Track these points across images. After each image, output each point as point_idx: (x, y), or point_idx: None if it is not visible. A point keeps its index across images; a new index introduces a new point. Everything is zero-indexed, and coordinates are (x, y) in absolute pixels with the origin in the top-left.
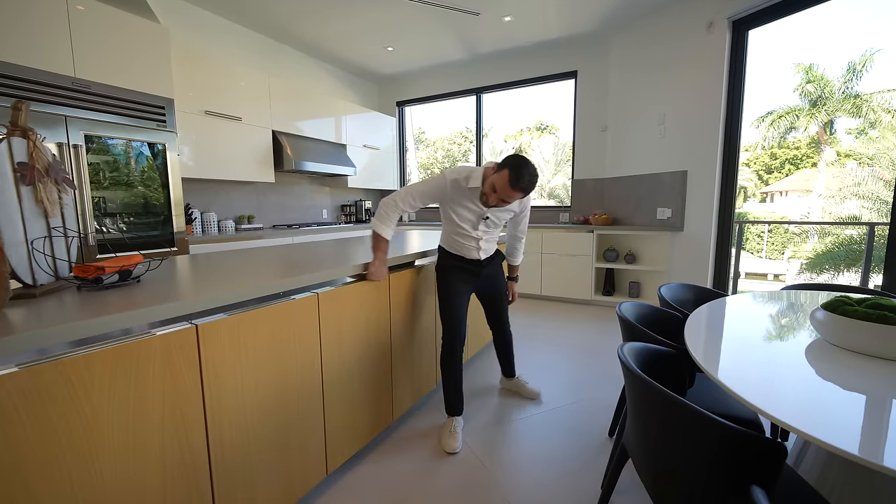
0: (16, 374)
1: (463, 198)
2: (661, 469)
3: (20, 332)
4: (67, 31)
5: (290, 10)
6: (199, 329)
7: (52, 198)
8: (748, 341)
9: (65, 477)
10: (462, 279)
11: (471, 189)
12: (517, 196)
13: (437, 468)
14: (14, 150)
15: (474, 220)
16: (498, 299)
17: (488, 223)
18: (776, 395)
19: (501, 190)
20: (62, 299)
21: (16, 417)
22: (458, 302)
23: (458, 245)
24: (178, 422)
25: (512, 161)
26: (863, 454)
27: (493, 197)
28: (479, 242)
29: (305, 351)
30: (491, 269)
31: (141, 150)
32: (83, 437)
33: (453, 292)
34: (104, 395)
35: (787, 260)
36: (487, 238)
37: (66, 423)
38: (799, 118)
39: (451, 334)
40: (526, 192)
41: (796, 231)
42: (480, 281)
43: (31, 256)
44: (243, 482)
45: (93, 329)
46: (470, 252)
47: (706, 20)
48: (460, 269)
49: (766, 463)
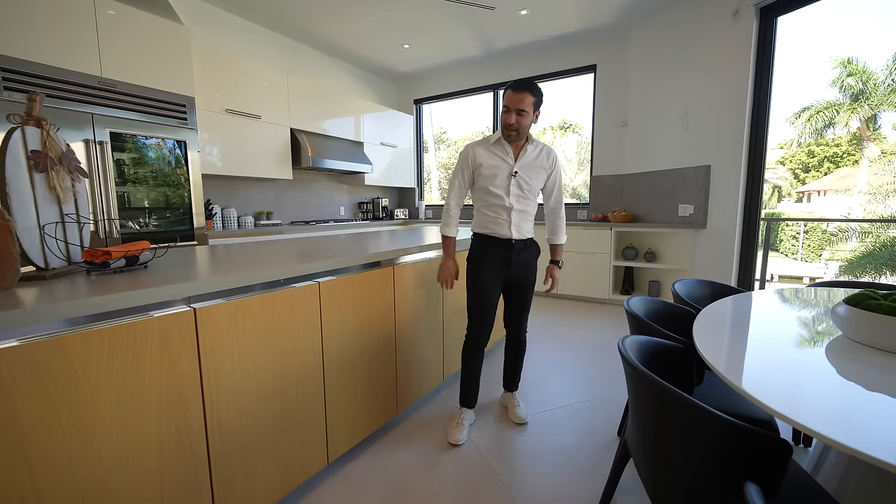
0: (16, 349)
1: (487, 153)
2: (660, 468)
3: (22, 307)
4: (95, 33)
5: (308, 9)
6: (198, 312)
7: (65, 185)
8: (763, 337)
9: (64, 454)
10: (492, 270)
11: (494, 144)
12: (515, 96)
13: (440, 461)
14: (28, 139)
15: (504, 178)
16: (523, 293)
17: (519, 183)
18: (793, 395)
19: (505, 102)
20: (71, 281)
21: (15, 390)
22: (487, 295)
23: (488, 221)
24: (175, 402)
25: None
26: (889, 458)
27: (506, 117)
28: (512, 214)
29: (306, 338)
30: (524, 255)
31: (163, 146)
32: (82, 414)
33: (482, 284)
34: (102, 374)
35: (825, 262)
36: (520, 209)
37: (66, 400)
38: (839, 113)
39: (476, 330)
40: (515, 87)
41: (835, 232)
42: (511, 270)
43: (42, 240)
44: (242, 466)
45: (91, 308)
46: (501, 228)
47: (731, 7)
48: (491, 257)
49: (769, 462)
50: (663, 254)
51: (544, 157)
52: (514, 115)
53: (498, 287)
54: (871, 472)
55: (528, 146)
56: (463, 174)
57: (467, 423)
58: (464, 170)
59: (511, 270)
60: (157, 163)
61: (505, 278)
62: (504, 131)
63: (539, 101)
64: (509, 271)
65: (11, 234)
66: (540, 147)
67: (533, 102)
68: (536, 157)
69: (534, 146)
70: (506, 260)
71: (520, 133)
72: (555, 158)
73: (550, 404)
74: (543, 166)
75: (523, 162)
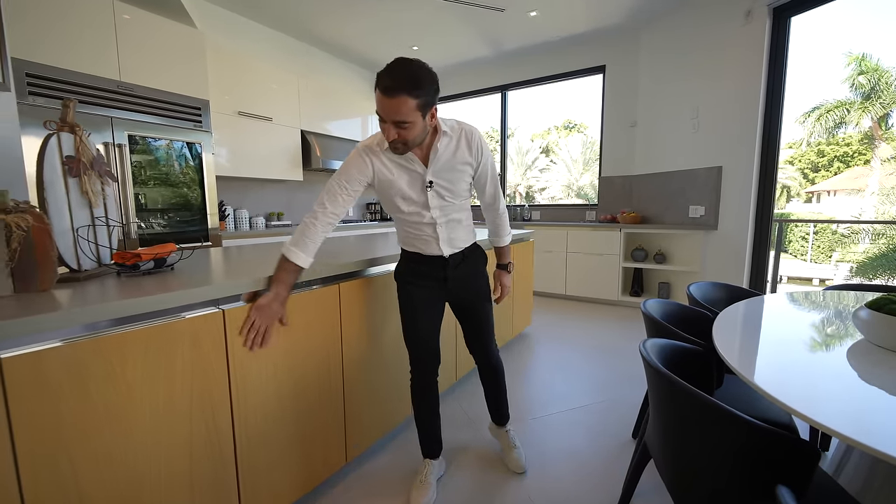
0: (60, 349)
1: (389, 164)
2: (683, 470)
3: (64, 309)
4: (114, 38)
5: (318, 11)
6: (226, 314)
7: (96, 189)
8: (783, 341)
9: (104, 453)
10: (425, 288)
11: (387, 147)
12: (387, 103)
13: (454, 464)
14: (62, 145)
15: (416, 192)
16: (476, 310)
17: (439, 191)
18: (814, 397)
19: (378, 110)
20: (103, 283)
21: (60, 390)
22: (421, 319)
23: (412, 238)
24: (205, 403)
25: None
26: None
27: (384, 130)
28: (437, 229)
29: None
30: (463, 269)
31: (179, 149)
32: (120, 414)
33: (413, 307)
34: (137, 374)
35: (835, 264)
36: (447, 219)
37: (105, 400)
38: (850, 112)
39: (415, 363)
40: (386, 88)
41: (845, 233)
42: (450, 286)
43: (76, 243)
44: (266, 463)
45: (128, 309)
46: (429, 246)
47: (744, 8)
48: (421, 276)
49: (797, 466)
50: (673, 255)
51: (464, 148)
52: (393, 130)
53: (436, 307)
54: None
55: (438, 142)
56: (352, 181)
57: (434, 478)
58: (356, 175)
59: (449, 288)
60: (172, 165)
61: (446, 297)
62: (390, 146)
63: (427, 98)
64: (447, 289)
65: (50, 237)
66: (456, 135)
67: (417, 105)
68: (454, 152)
69: (447, 139)
70: (438, 279)
71: (410, 144)
72: (479, 143)
73: (560, 406)
74: (466, 160)
75: (437, 165)
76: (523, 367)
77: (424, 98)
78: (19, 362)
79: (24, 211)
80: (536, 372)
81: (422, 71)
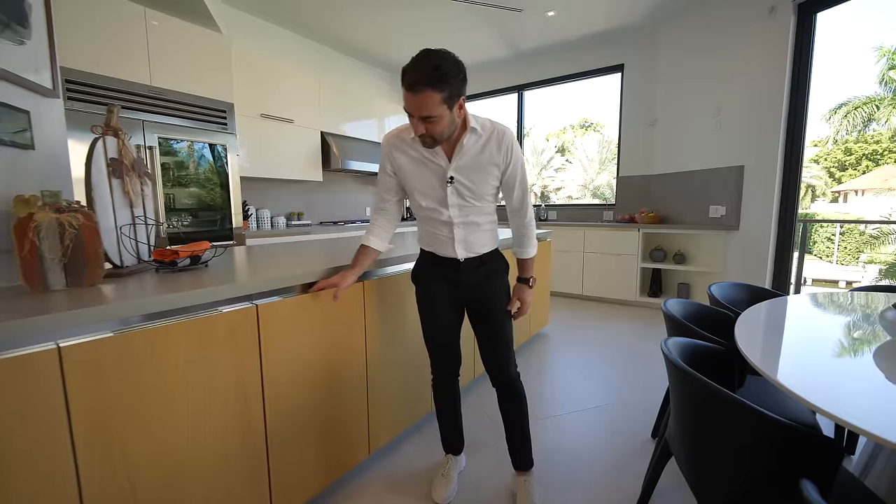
0: (112, 339)
1: (409, 152)
2: (707, 467)
3: (116, 302)
4: (145, 44)
5: (337, 14)
6: (259, 309)
7: (136, 190)
8: (808, 341)
9: (152, 438)
10: (439, 293)
11: (416, 138)
12: (414, 100)
13: (474, 460)
14: (107, 148)
15: (436, 187)
16: (488, 321)
17: (459, 189)
18: (840, 397)
19: (405, 106)
20: (144, 279)
21: (112, 376)
22: (437, 322)
23: (430, 237)
24: (239, 392)
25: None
26: None
27: (413, 125)
28: (454, 229)
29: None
30: (479, 275)
31: (205, 151)
32: (165, 398)
33: (429, 309)
34: (180, 363)
35: (863, 265)
36: (465, 221)
37: (153, 389)
38: (879, 109)
39: (434, 364)
40: (411, 85)
41: (874, 234)
42: (464, 292)
43: (119, 241)
44: (294, 450)
45: (171, 303)
46: (444, 246)
47: (767, 4)
48: (435, 277)
49: (820, 462)
50: (693, 256)
51: (494, 147)
52: (421, 125)
53: (451, 311)
54: None
55: (466, 138)
56: (386, 171)
57: (455, 472)
58: (386, 167)
59: (464, 292)
60: (199, 166)
61: (460, 301)
62: (420, 140)
63: (453, 90)
64: (462, 293)
65: (98, 235)
66: (486, 133)
67: (442, 99)
68: (481, 150)
69: (475, 137)
70: (452, 282)
71: (438, 139)
72: (510, 145)
73: (578, 406)
74: (494, 161)
75: (461, 161)
76: (541, 367)
77: (449, 90)
78: (76, 350)
79: (76, 210)
80: (554, 371)
81: (446, 62)
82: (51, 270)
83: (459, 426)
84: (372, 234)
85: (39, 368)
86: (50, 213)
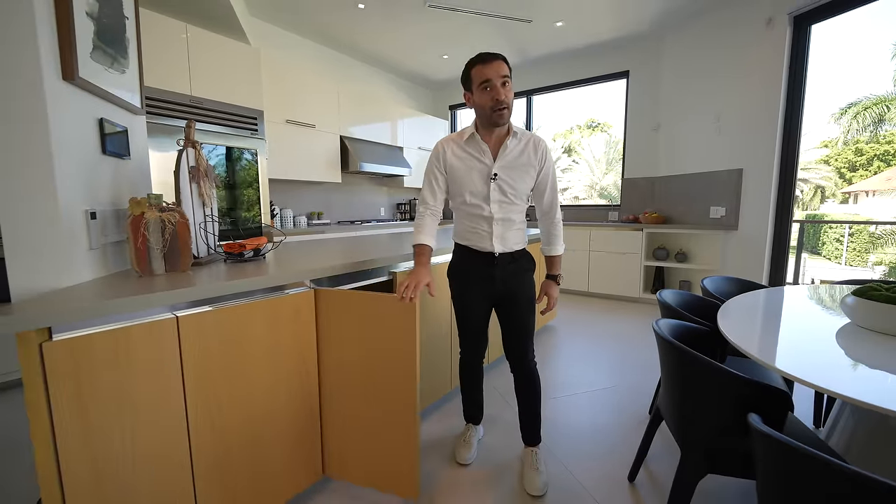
0: (212, 313)
1: (459, 153)
2: (686, 417)
3: (213, 283)
4: (186, 57)
5: (357, 26)
6: (317, 293)
7: (208, 192)
8: (780, 323)
9: (241, 395)
10: (474, 286)
11: (467, 141)
12: (493, 64)
13: (490, 431)
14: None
15: (481, 183)
16: (516, 313)
17: (501, 187)
18: (804, 367)
19: (475, 77)
20: (220, 267)
21: (215, 347)
22: (471, 312)
23: (468, 231)
24: (299, 361)
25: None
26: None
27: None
28: (493, 224)
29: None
30: (512, 269)
31: (239, 155)
32: (248, 363)
33: (465, 299)
34: (257, 338)
35: (872, 266)
36: (504, 217)
37: (240, 356)
38: (889, 109)
39: (464, 349)
40: (485, 57)
41: (879, 234)
42: (496, 287)
43: (196, 235)
44: (341, 414)
45: (255, 284)
46: (482, 240)
47: (765, 16)
48: (471, 273)
49: (772, 408)
50: (694, 254)
51: (531, 151)
52: (502, 90)
53: (484, 303)
54: (871, 438)
55: (509, 140)
56: (435, 174)
57: (475, 439)
58: (435, 169)
59: (496, 287)
60: (234, 170)
61: (492, 294)
62: (492, 115)
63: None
64: (494, 288)
65: (188, 230)
66: (525, 139)
67: (509, 71)
68: (521, 152)
69: (517, 139)
70: (487, 277)
71: (510, 109)
72: (545, 151)
73: (583, 388)
74: (531, 163)
75: (504, 161)
76: (549, 355)
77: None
78: (189, 320)
79: (173, 210)
80: (561, 358)
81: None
82: (155, 258)
83: (481, 400)
84: (427, 234)
85: (164, 332)
86: (155, 212)
